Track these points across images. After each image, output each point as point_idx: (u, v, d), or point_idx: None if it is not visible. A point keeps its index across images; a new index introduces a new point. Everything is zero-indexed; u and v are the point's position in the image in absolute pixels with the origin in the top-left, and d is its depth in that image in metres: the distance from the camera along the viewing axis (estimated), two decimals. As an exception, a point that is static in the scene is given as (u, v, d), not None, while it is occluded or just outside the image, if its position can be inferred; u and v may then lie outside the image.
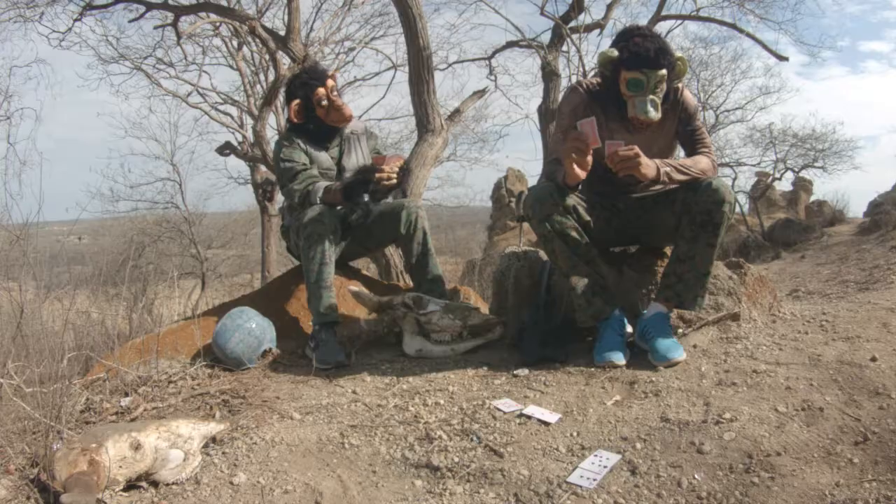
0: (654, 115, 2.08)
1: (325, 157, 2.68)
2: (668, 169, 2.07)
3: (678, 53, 2.10)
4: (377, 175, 2.41)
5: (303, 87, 2.59)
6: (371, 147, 2.85)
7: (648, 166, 2.01)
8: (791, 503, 1.34)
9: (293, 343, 2.58)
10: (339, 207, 2.60)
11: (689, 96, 2.24)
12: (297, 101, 2.61)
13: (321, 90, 2.58)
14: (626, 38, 2.10)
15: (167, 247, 13.80)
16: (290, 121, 2.65)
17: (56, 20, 8.06)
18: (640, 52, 2.04)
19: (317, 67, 2.69)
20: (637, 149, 1.98)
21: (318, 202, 2.49)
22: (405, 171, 2.50)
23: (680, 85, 2.21)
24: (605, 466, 1.52)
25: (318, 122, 2.63)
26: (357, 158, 2.76)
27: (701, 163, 2.15)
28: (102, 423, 1.77)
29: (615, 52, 2.08)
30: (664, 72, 2.06)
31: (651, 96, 2.07)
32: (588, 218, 2.22)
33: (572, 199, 2.17)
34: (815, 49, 9.92)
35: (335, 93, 2.63)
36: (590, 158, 1.98)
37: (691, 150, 2.22)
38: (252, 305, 2.57)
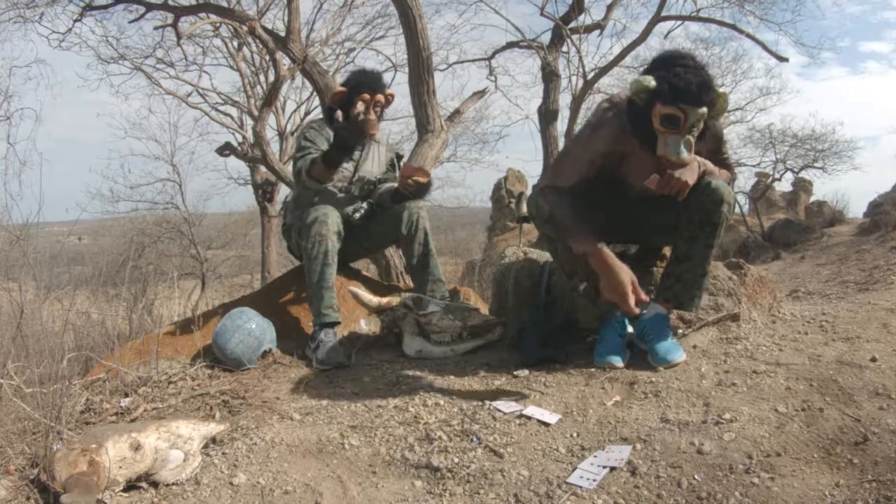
0: (686, 157, 1.87)
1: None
2: (704, 169, 2.05)
3: (720, 89, 1.88)
4: (401, 181, 2.60)
5: (357, 84, 2.65)
6: (389, 159, 2.88)
7: (692, 171, 1.98)
8: (791, 503, 1.34)
9: (293, 343, 2.58)
10: (340, 192, 2.69)
11: (719, 128, 2.15)
12: (343, 89, 2.67)
13: (367, 96, 2.62)
14: (667, 66, 1.85)
15: (167, 247, 13.78)
16: (328, 105, 2.74)
17: (56, 21, 8.06)
18: (681, 85, 1.81)
19: (380, 78, 2.74)
20: (678, 172, 1.94)
21: (307, 176, 2.50)
22: (425, 187, 2.62)
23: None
24: (604, 467, 1.52)
25: (345, 117, 2.65)
26: (373, 165, 2.78)
27: (723, 175, 2.15)
28: (102, 424, 1.77)
29: (652, 82, 1.85)
30: (704, 110, 1.84)
31: (687, 136, 1.85)
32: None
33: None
34: (815, 51, 9.93)
35: (377, 108, 2.67)
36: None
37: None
38: (252, 306, 2.57)
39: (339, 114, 2.63)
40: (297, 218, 2.62)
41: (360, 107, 2.60)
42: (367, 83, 2.65)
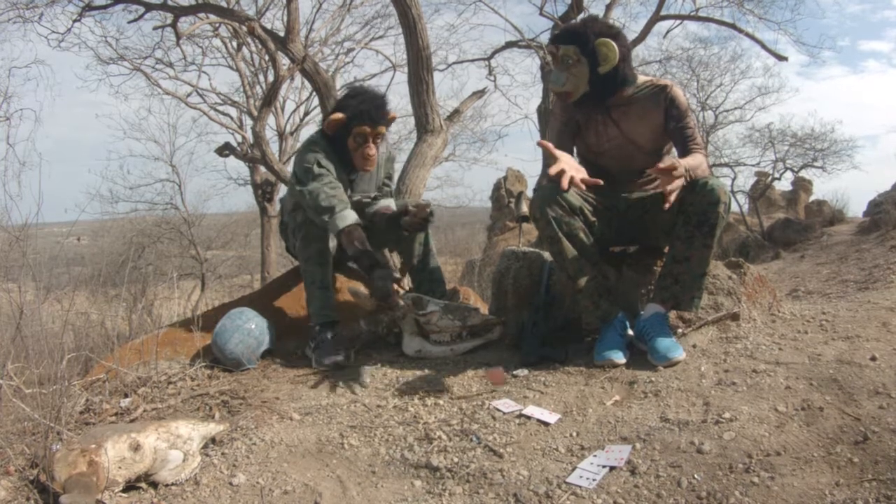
0: (557, 86, 2.21)
1: (341, 174, 2.54)
2: (688, 171, 2.04)
3: (604, 39, 2.13)
4: (405, 219, 2.49)
5: (358, 115, 2.43)
6: (386, 171, 2.76)
7: (683, 170, 1.97)
8: (791, 503, 1.34)
9: (293, 343, 2.57)
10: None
11: (679, 94, 2.24)
12: (341, 116, 2.44)
13: (367, 129, 2.44)
14: None
15: (167, 248, 13.80)
16: (323, 130, 2.52)
17: (55, 21, 8.10)
18: (559, 30, 2.25)
19: (383, 105, 2.50)
20: (671, 160, 1.95)
21: (338, 232, 2.30)
22: (427, 218, 2.51)
23: (668, 83, 2.25)
24: (604, 466, 1.52)
25: (342, 145, 2.49)
26: (369, 185, 2.69)
27: (702, 165, 2.14)
28: (102, 424, 1.77)
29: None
30: (571, 47, 2.16)
31: (559, 68, 2.19)
32: (593, 219, 2.22)
33: (578, 200, 2.18)
34: (815, 50, 9.92)
35: (378, 139, 2.51)
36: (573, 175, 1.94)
37: (683, 148, 2.21)
38: (252, 306, 2.57)
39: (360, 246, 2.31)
40: (294, 218, 2.61)
41: (354, 143, 2.46)
42: (366, 114, 2.41)
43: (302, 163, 2.43)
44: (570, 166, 1.94)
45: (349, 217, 2.31)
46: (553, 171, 1.91)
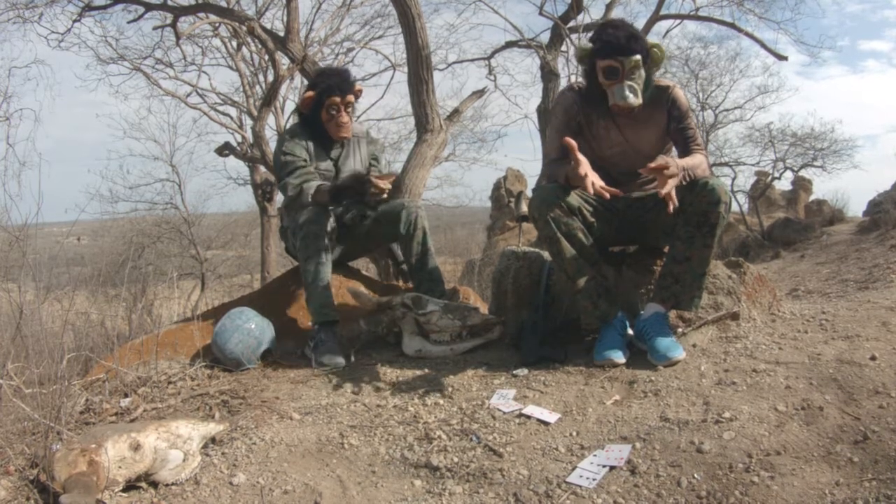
0: (634, 100, 2.10)
1: (324, 158, 2.69)
2: (686, 171, 2.06)
3: (654, 41, 2.16)
4: (371, 190, 2.40)
5: (327, 88, 2.59)
6: (370, 153, 2.85)
7: (676, 167, 2.00)
8: (791, 502, 1.34)
9: (293, 343, 2.58)
10: (330, 208, 2.60)
11: (681, 94, 2.24)
12: (311, 93, 2.62)
13: (337, 99, 2.60)
14: (600, 30, 2.17)
15: (166, 248, 13.78)
16: (299, 110, 2.70)
17: (55, 21, 8.09)
18: (612, 40, 2.09)
19: (348, 77, 2.67)
20: (663, 159, 1.98)
21: (310, 200, 2.48)
22: (394, 186, 2.55)
23: (670, 84, 2.24)
24: (604, 466, 1.52)
25: (318, 121, 2.65)
26: (354, 163, 2.76)
27: (702, 164, 2.14)
28: (102, 424, 1.77)
29: (590, 44, 2.15)
30: (638, 57, 2.09)
31: (628, 82, 2.10)
32: (592, 220, 2.22)
33: (577, 201, 2.18)
34: (815, 49, 9.86)
35: (349, 108, 2.65)
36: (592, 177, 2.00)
37: (684, 148, 2.21)
38: (251, 306, 2.57)
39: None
40: (293, 220, 2.62)
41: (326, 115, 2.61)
42: (335, 86, 2.59)
43: (277, 158, 2.64)
44: (591, 171, 1.98)
45: (312, 187, 2.50)
46: (582, 171, 1.96)
